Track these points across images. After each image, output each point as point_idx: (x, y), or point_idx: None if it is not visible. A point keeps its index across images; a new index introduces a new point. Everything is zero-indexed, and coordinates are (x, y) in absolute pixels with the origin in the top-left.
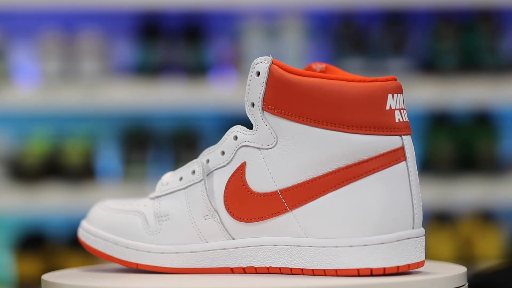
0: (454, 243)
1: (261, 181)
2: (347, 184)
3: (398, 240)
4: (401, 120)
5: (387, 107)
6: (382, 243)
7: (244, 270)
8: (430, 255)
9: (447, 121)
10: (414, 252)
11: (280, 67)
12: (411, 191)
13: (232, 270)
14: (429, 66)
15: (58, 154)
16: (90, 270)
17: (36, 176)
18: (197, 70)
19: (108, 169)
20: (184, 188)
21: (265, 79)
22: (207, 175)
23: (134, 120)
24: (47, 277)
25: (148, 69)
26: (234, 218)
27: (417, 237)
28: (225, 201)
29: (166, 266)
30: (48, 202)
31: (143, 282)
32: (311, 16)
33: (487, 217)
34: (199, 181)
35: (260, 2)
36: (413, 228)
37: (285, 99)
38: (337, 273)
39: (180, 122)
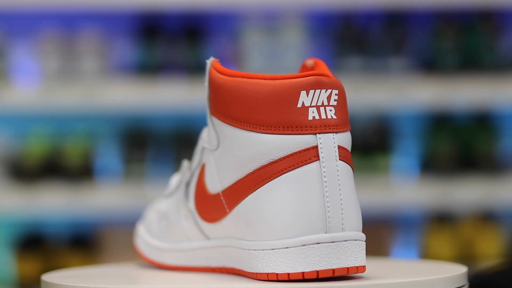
0: (454, 243)
1: (212, 182)
2: (261, 186)
3: (304, 245)
4: (318, 117)
5: (299, 105)
6: (287, 247)
7: (221, 270)
8: (430, 255)
9: (447, 121)
10: (327, 258)
11: (215, 68)
12: (324, 193)
13: (213, 270)
14: (430, 66)
15: (58, 154)
16: (90, 270)
17: (35, 176)
18: (197, 70)
19: (108, 169)
20: (177, 189)
21: (207, 81)
22: (193, 175)
23: (134, 120)
24: (47, 277)
25: (148, 69)
26: (202, 219)
27: (331, 242)
28: (195, 202)
29: (165, 263)
30: (48, 202)
31: (142, 283)
32: (311, 16)
33: (487, 217)
34: (182, 182)
35: (260, 2)
36: (326, 233)
37: (217, 100)
38: (257, 277)
39: (180, 122)
